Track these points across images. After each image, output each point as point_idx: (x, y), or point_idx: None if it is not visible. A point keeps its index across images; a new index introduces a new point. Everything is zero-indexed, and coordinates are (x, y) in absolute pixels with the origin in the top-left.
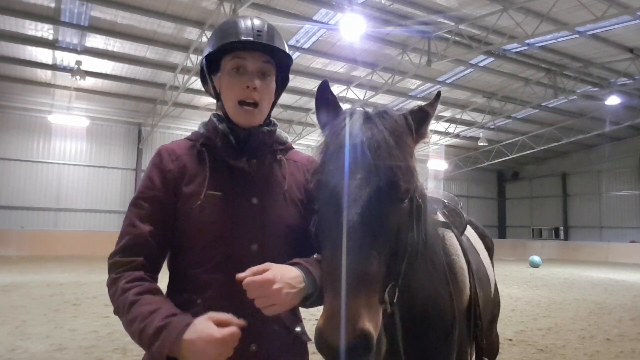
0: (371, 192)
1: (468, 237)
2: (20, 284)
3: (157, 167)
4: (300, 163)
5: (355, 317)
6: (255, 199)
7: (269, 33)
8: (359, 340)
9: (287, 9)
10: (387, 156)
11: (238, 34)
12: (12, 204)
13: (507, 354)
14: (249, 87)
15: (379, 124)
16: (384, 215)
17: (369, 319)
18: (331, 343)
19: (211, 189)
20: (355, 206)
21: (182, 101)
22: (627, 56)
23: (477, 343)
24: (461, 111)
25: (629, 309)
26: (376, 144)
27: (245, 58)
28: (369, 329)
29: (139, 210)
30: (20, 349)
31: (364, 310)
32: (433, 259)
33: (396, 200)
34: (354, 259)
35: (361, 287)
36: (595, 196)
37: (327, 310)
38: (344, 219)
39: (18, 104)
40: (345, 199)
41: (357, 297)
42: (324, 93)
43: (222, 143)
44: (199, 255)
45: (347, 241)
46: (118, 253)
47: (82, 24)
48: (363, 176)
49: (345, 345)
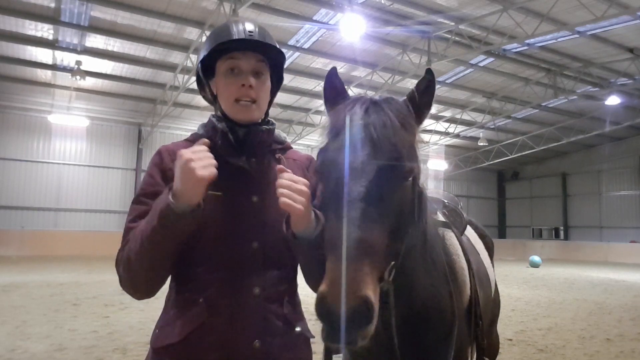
0: (376, 167)
1: (468, 237)
2: (20, 284)
3: (158, 166)
4: (300, 161)
5: (358, 283)
6: (255, 197)
7: (260, 33)
8: (360, 306)
9: (287, 9)
10: (393, 135)
11: (230, 34)
12: (12, 204)
13: (507, 354)
14: (244, 85)
15: (385, 107)
16: (387, 191)
17: (371, 289)
18: (332, 308)
19: (211, 188)
20: (360, 179)
21: (182, 101)
22: (627, 56)
23: (477, 343)
24: (461, 111)
25: (629, 309)
26: (382, 123)
27: (239, 58)
28: (371, 297)
29: (142, 207)
30: (20, 349)
31: (367, 278)
32: (433, 258)
33: (400, 177)
34: (357, 228)
35: (364, 256)
36: (595, 196)
37: (330, 275)
38: (349, 191)
39: (18, 104)
40: (350, 172)
41: (360, 265)
42: (332, 79)
43: (221, 142)
44: (199, 254)
45: (351, 211)
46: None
47: (82, 24)
48: (369, 152)
49: (346, 310)
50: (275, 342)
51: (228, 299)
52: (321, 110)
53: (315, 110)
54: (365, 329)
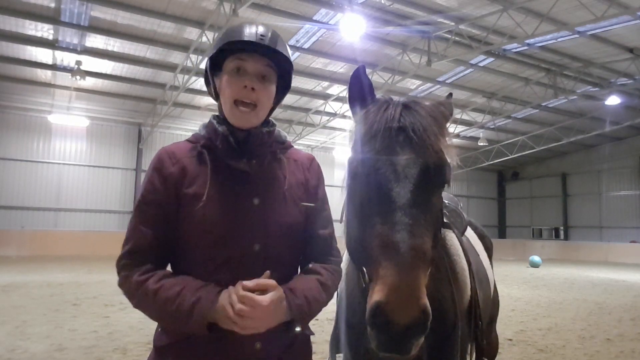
0: (421, 173)
1: (468, 237)
2: (20, 284)
3: (158, 170)
4: (300, 162)
5: (418, 291)
6: (257, 199)
7: (272, 39)
8: (422, 317)
9: (287, 9)
10: (435, 140)
11: (241, 35)
12: (12, 204)
13: (507, 354)
14: (246, 86)
15: (419, 110)
16: (430, 197)
17: (426, 297)
18: (395, 318)
19: (213, 190)
20: (407, 184)
21: (182, 101)
22: (627, 56)
23: (477, 343)
24: (461, 111)
25: (629, 309)
26: (422, 127)
27: (246, 60)
28: (428, 306)
29: (142, 215)
30: (20, 349)
31: (424, 287)
32: (435, 259)
33: (441, 184)
34: (411, 234)
35: (420, 263)
36: (595, 196)
37: (389, 283)
38: (398, 196)
39: (18, 104)
40: (395, 177)
41: (418, 272)
42: (360, 77)
43: (222, 144)
44: (201, 256)
45: (402, 217)
46: (125, 256)
47: (82, 24)
48: (413, 157)
49: (409, 321)
50: (276, 342)
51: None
52: (321, 110)
53: (315, 110)
54: (420, 338)
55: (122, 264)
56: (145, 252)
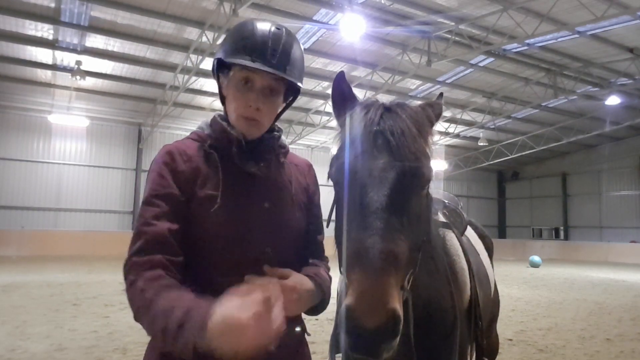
0: (397, 176)
1: (468, 237)
2: (20, 284)
3: (169, 166)
4: (300, 167)
5: (386, 296)
6: (267, 203)
7: (284, 52)
8: (389, 321)
9: (287, 9)
10: (412, 143)
11: (252, 52)
12: (12, 204)
13: (507, 354)
14: (251, 106)
15: (400, 113)
16: (408, 200)
17: (398, 301)
18: (361, 323)
19: (226, 192)
20: (382, 188)
21: (182, 101)
22: (627, 56)
23: (477, 343)
24: (461, 111)
25: (629, 309)
26: (400, 130)
27: (256, 72)
28: (399, 311)
29: (155, 208)
30: (20, 349)
31: (394, 291)
32: (435, 259)
33: (419, 186)
34: (382, 238)
35: (391, 267)
36: (595, 196)
37: (356, 288)
38: (371, 200)
39: (18, 104)
40: (371, 181)
41: (387, 277)
42: (340, 83)
43: (237, 149)
44: (213, 258)
45: (374, 221)
46: (134, 255)
47: (82, 24)
48: (389, 160)
49: (375, 325)
50: (277, 343)
51: None
52: (321, 110)
53: (315, 110)
54: (391, 343)
55: (130, 265)
56: (158, 246)
